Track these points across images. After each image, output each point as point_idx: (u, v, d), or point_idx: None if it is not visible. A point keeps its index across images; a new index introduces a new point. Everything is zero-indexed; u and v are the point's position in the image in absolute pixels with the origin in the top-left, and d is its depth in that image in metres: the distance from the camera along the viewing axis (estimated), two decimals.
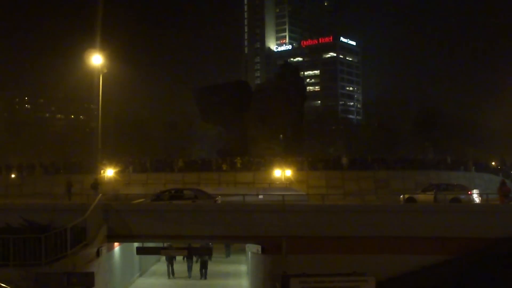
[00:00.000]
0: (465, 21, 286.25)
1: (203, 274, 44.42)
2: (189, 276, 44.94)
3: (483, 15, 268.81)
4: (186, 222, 34.24)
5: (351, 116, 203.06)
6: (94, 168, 59.20)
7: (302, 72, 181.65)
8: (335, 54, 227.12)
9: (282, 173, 60.16)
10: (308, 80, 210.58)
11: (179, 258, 45.62)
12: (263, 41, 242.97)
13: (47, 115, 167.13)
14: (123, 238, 35.03)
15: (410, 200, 41.81)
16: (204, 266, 44.49)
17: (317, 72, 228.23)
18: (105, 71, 53.35)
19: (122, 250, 38.31)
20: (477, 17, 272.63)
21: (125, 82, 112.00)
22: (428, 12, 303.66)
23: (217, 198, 40.13)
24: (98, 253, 30.33)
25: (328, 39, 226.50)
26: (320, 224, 33.68)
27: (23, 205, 36.88)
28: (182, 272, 45.35)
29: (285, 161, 63.40)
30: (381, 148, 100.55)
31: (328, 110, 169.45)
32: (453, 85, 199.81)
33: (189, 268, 45.34)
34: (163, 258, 48.65)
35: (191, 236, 35.34)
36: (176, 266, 45.45)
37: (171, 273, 45.09)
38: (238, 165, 65.10)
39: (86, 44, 63.01)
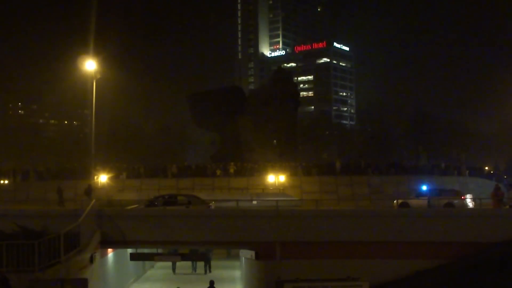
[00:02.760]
0: (458, 25, 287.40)
1: (207, 269, 48.19)
2: (194, 271, 48.82)
3: (477, 20, 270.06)
4: (180, 228, 34.28)
5: (344, 121, 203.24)
6: (87, 174, 59.06)
7: (296, 78, 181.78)
8: (328, 60, 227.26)
9: (275, 178, 60.10)
10: (301, 85, 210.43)
11: None
12: (256, 47, 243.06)
13: (41, 121, 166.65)
14: (116, 244, 34.99)
15: (404, 205, 41.82)
16: (207, 262, 47.94)
17: (310, 77, 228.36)
18: (99, 76, 53.25)
19: (116, 256, 38.27)
20: (471, 22, 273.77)
21: (119, 87, 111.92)
22: (422, 17, 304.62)
23: (211, 204, 40.17)
24: (91, 259, 30.27)
25: (321, 45, 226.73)
26: (314, 229, 33.75)
27: (17, 211, 36.80)
28: (186, 268, 49.11)
29: (279, 166, 63.40)
30: (375, 153, 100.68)
31: (321, 115, 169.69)
32: (446, 90, 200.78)
33: (193, 265, 49.18)
34: (158, 264, 48.80)
35: (185, 241, 35.40)
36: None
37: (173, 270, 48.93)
38: (232, 170, 65.05)
39: (80, 49, 63.03)
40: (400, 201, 42.79)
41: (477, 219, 34.20)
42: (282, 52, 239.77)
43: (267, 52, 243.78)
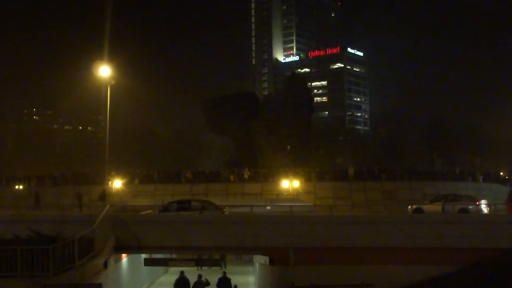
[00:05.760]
0: (474, 30, 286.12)
1: (223, 266, 47.19)
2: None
3: (495, 25, 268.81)
4: (194, 233, 34.34)
5: (358, 127, 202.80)
6: (102, 179, 59.32)
7: (310, 83, 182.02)
8: (342, 65, 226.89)
9: (289, 184, 60.01)
10: (315, 91, 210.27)
11: None
12: (270, 52, 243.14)
13: (55, 126, 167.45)
14: (130, 249, 35.12)
15: (418, 210, 41.61)
16: (223, 260, 47.60)
17: (324, 83, 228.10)
18: (113, 82, 53.45)
19: (129, 261, 38.37)
20: (488, 27, 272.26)
21: (133, 93, 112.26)
22: (437, 22, 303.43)
23: (224, 209, 40.15)
24: (105, 265, 30.36)
25: (335, 50, 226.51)
26: (327, 235, 33.67)
27: (31, 216, 36.98)
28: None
29: (292, 172, 63.26)
30: (389, 158, 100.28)
31: (335, 121, 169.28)
32: (460, 95, 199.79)
33: None
34: (171, 269, 48.81)
35: (199, 247, 35.41)
36: None
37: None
38: (246, 176, 64.97)
39: (94, 55, 63.28)
40: (414, 206, 42.60)
41: (492, 225, 33.99)
42: (296, 58, 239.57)
43: (281, 57, 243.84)
